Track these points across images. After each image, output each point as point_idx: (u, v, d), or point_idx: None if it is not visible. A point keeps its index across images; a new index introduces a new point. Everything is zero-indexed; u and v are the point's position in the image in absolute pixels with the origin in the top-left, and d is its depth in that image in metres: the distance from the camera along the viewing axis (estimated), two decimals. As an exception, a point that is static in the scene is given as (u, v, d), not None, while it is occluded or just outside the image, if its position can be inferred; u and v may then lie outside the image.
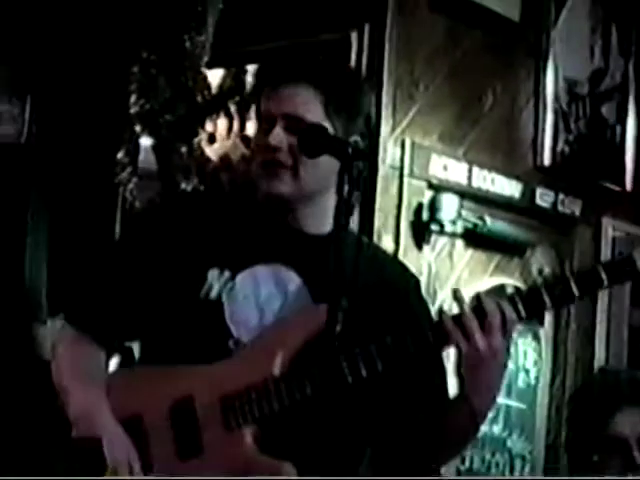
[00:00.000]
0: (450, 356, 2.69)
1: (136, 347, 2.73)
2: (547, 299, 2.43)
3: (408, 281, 2.73)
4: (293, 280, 2.55)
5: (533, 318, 2.56)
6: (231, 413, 2.46)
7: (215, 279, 2.52)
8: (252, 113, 4.37)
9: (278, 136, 2.51)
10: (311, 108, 2.53)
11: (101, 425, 2.46)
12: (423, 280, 3.18)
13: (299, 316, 2.50)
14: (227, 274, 2.53)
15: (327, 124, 2.51)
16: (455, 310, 2.44)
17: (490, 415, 4.53)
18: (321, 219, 2.55)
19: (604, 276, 2.42)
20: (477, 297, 2.44)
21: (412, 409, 2.57)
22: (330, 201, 2.50)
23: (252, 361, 2.48)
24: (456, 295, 2.50)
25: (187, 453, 2.47)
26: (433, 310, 2.82)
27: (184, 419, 2.48)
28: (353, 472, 2.63)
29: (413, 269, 2.86)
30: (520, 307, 2.43)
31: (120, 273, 2.60)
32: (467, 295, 3.26)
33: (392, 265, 2.83)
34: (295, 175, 2.50)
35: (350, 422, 2.54)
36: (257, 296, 2.53)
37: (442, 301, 4.36)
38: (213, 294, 2.52)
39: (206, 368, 2.49)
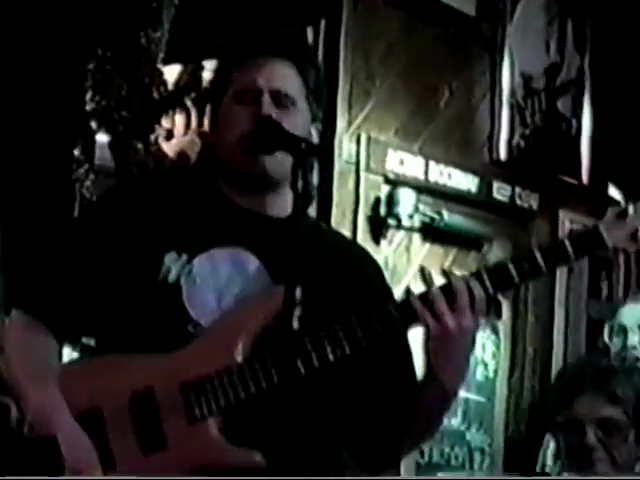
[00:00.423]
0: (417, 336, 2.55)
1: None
2: (514, 273, 2.36)
3: (371, 263, 2.67)
4: (252, 262, 2.48)
5: (502, 293, 2.48)
6: (194, 403, 2.37)
7: (173, 262, 2.45)
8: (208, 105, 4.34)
9: (270, 106, 2.45)
10: (293, 85, 2.49)
11: (58, 424, 2.38)
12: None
13: (258, 298, 2.43)
14: (185, 257, 2.46)
15: (304, 103, 2.49)
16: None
17: (448, 409, 4.57)
18: (281, 203, 2.50)
19: (570, 249, 2.36)
20: (445, 275, 2.40)
21: (381, 391, 2.49)
22: (287, 192, 2.45)
23: (213, 347, 2.40)
24: (423, 274, 2.45)
25: (150, 447, 2.38)
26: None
27: (145, 411, 2.39)
28: (328, 460, 2.55)
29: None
30: (488, 283, 2.36)
31: (75, 259, 2.51)
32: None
33: (353, 248, 2.81)
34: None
35: (319, 407, 2.48)
36: (215, 279, 2.46)
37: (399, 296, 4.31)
38: (171, 277, 2.44)
39: (166, 356, 2.40)
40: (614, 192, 4.96)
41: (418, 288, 4.45)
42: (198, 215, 2.53)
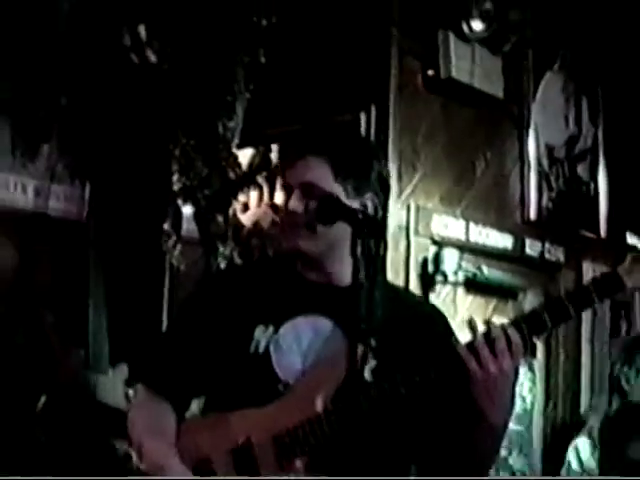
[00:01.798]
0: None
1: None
2: (547, 319, 2.27)
3: (440, 316, 2.61)
4: (328, 327, 2.44)
5: (537, 337, 2.40)
6: (284, 449, 2.37)
7: (261, 335, 2.44)
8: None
9: (294, 202, 2.44)
10: (322, 176, 2.44)
11: (169, 468, 2.41)
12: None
13: (334, 359, 2.38)
14: (271, 329, 2.44)
15: (338, 188, 2.43)
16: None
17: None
18: (345, 272, 2.44)
19: (594, 293, 2.26)
20: (487, 324, 2.33)
21: (443, 429, 2.43)
22: (348, 257, 2.39)
23: (297, 402, 2.38)
24: (470, 324, 2.38)
25: None
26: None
27: (244, 458, 2.40)
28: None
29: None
30: (525, 330, 2.27)
31: (183, 341, 2.55)
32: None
33: (423, 304, 2.78)
34: (312, 233, 2.41)
35: (390, 443, 2.43)
36: (299, 344, 2.44)
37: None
38: (261, 348, 2.43)
39: (259, 411, 2.41)
40: (632, 239, 4.88)
41: (464, 336, 4.34)
42: (278, 292, 2.51)
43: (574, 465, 4.11)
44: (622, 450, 3.91)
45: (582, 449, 4.13)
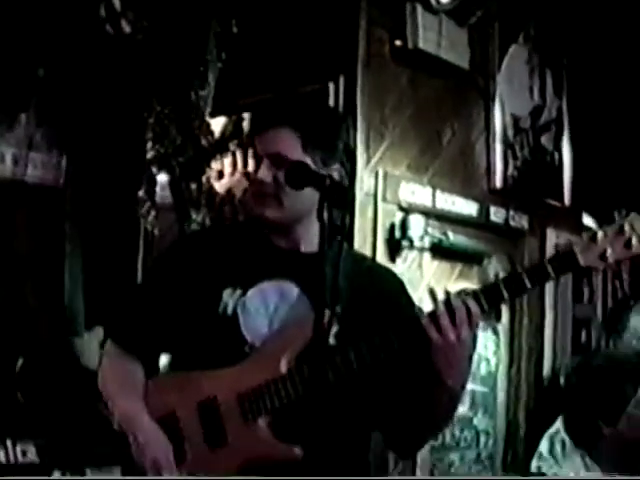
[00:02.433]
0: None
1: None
2: (505, 292, 2.38)
3: (396, 282, 2.70)
4: (294, 292, 2.52)
5: (494, 309, 2.48)
6: (248, 407, 2.44)
7: (229, 297, 2.50)
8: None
9: (263, 172, 2.51)
10: (290, 146, 2.51)
11: (140, 425, 2.48)
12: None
13: (299, 323, 2.46)
14: (239, 291, 2.51)
15: (307, 159, 2.50)
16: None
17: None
18: (312, 239, 2.51)
19: (550, 269, 2.37)
20: (446, 295, 2.39)
21: (404, 393, 2.53)
22: (315, 225, 2.47)
23: (262, 363, 2.46)
24: (432, 293, 2.44)
25: (215, 443, 2.46)
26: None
27: (210, 415, 2.47)
28: (360, 453, 2.61)
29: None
30: (483, 301, 2.38)
31: (153, 300, 2.61)
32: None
33: (380, 270, 2.81)
34: (279, 202, 2.50)
35: (350, 408, 2.51)
36: (266, 307, 2.51)
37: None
38: (229, 310, 2.50)
39: (225, 371, 2.47)
40: (588, 220, 4.93)
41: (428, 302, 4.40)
42: (246, 256, 2.58)
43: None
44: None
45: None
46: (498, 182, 4.90)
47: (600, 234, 2.36)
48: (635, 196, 4.42)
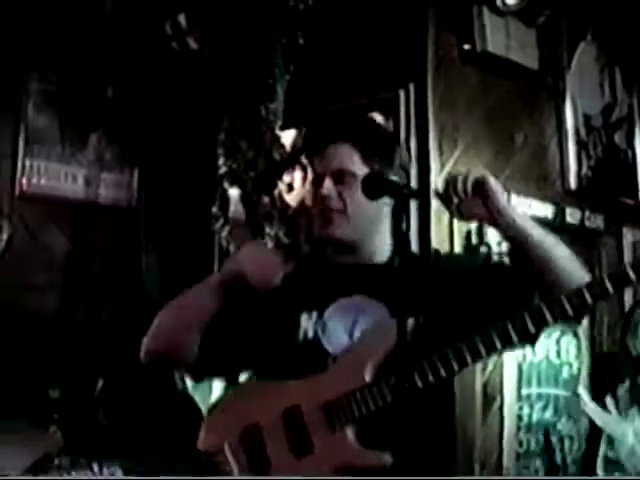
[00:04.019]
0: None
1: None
2: (588, 297, 2.36)
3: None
4: (370, 304, 2.48)
5: (580, 314, 2.44)
6: (334, 416, 2.40)
7: (307, 322, 2.49)
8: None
9: (327, 188, 2.49)
10: (351, 161, 2.50)
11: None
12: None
13: (380, 331, 2.42)
14: (315, 315, 2.49)
15: (366, 169, 2.48)
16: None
17: (542, 404, 4.40)
18: (378, 250, 2.52)
19: (632, 274, 2.33)
20: None
21: None
22: (383, 236, 2.51)
23: (346, 372, 2.41)
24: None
25: (300, 452, 2.41)
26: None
27: (294, 423, 2.42)
28: (447, 456, 2.59)
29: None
30: (567, 307, 2.35)
31: (233, 334, 2.56)
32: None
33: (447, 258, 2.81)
34: (347, 219, 2.48)
35: (435, 411, 2.48)
36: (345, 323, 2.48)
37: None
38: (310, 334, 2.48)
39: (308, 380, 2.44)
40: None
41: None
42: (317, 280, 2.55)
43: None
44: None
45: None
46: (572, 183, 4.77)
47: None
48: None
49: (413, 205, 3.99)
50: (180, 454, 3.73)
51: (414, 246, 3.90)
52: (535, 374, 4.44)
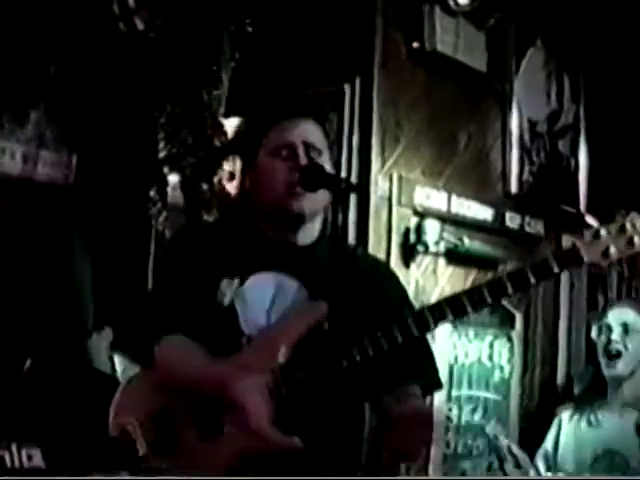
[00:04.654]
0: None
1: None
2: (509, 287, 2.33)
3: (387, 271, 2.70)
4: (291, 284, 2.45)
5: (498, 302, 2.43)
6: None
7: (227, 287, 2.45)
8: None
9: (304, 158, 2.45)
10: (319, 138, 2.51)
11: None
12: (411, 294, 3.03)
13: (299, 312, 2.40)
14: (236, 282, 2.45)
15: (327, 152, 2.50)
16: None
17: (471, 406, 4.39)
18: (309, 233, 2.51)
19: (554, 264, 2.35)
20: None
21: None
22: (318, 221, 2.51)
23: (259, 354, 2.37)
24: None
25: (210, 433, 2.37)
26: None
27: (204, 405, 2.38)
28: (357, 436, 2.53)
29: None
30: (486, 295, 2.33)
31: (158, 292, 2.57)
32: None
33: (372, 261, 2.74)
34: (314, 193, 2.44)
35: (347, 396, 2.46)
36: (263, 299, 2.44)
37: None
38: (227, 300, 2.44)
39: (221, 360, 2.38)
40: (590, 220, 4.84)
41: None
42: (243, 248, 2.50)
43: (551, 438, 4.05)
44: None
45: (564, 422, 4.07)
46: (514, 187, 4.77)
47: (603, 232, 2.37)
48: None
49: (352, 200, 3.98)
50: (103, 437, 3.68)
51: (351, 240, 3.89)
52: (466, 376, 4.42)
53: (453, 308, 2.32)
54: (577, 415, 3.94)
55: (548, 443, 4.00)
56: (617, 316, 3.99)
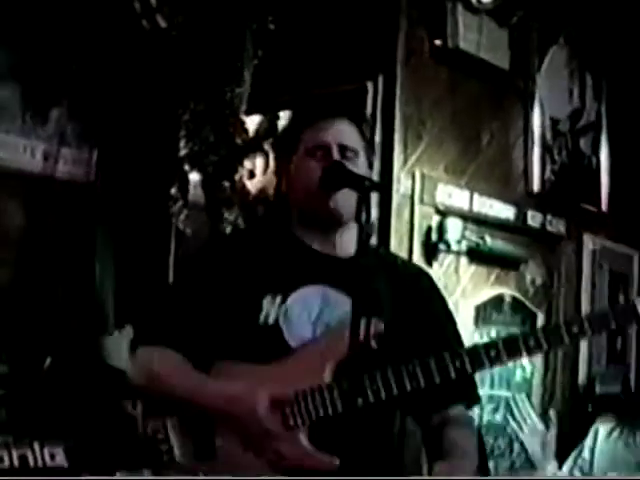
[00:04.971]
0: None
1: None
2: (566, 337, 2.27)
3: (434, 287, 2.61)
4: (337, 296, 2.37)
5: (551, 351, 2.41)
6: (289, 414, 2.28)
7: (270, 305, 2.35)
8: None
9: (338, 157, 2.39)
10: (352, 137, 2.43)
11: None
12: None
13: (344, 328, 2.24)
14: (279, 299, 2.35)
15: (363, 153, 2.43)
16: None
17: (492, 406, 4.34)
18: (347, 243, 2.40)
19: (613, 321, 2.26)
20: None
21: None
22: (352, 229, 2.37)
23: (306, 368, 2.30)
24: None
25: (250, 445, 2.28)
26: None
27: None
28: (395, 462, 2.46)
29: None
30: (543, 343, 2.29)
31: (187, 305, 2.41)
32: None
33: (418, 273, 2.65)
34: (350, 194, 2.33)
35: (387, 421, 2.41)
36: (309, 313, 2.35)
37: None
38: (271, 319, 2.34)
39: (263, 370, 2.31)
40: None
41: (465, 304, 4.24)
42: (285, 261, 2.41)
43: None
44: None
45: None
46: (536, 186, 4.72)
47: None
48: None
49: (374, 198, 3.95)
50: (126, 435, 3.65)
51: (373, 241, 3.84)
52: (487, 375, 4.38)
53: (508, 350, 2.28)
54: (616, 432, 3.86)
55: (585, 453, 3.92)
56: None
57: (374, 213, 3.96)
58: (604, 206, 5.09)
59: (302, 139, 2.45)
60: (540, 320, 4.65)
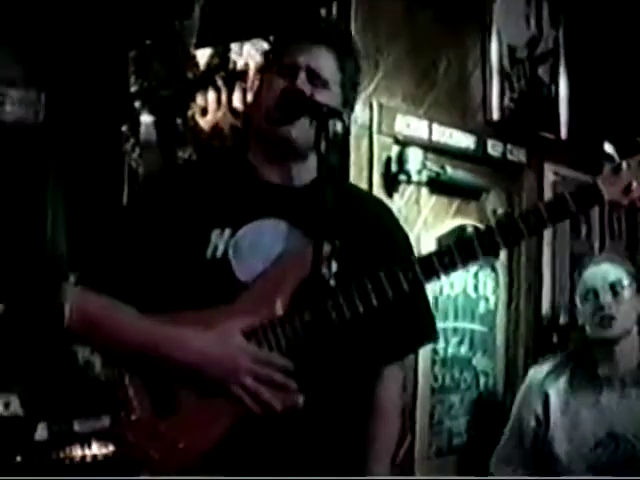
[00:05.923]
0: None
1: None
2: (523, 227, 2.18)
3: (392, 218, 2.55)
4: (289, 229, 2.27)
5: (489, 256, 2.30)
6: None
7: (218, 238, 2.24)
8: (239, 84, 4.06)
9: (304, 83, 2.27)
10: (328, 66, 2.32)
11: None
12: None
13: (295, 259, 2.20)
14: (228, 232, 2.24)
15: (337, 87, 2.32)
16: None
17: (457, 338, 4.25)
18: (305, 172, 2.31)
19: (572, 203, 2.17)
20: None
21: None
22: (312, 160, 2.27)
23: (256, 303, 2.19)
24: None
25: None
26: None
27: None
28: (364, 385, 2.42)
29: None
30: (499, 238, 2.18)
31: (132, 240, 2.29)
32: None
33: (375, 204, 2.60)
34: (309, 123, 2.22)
35: (349, 348, 2.29)
36: (259, 247, 2.24)
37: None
38: (219, 252, 2.23)
39: (216, 310, 2.19)
40: (608, 148, 4.66)
41: (427, 236, 4.11)
42: (235, 193, 2.30)
43: None
44: None
45: None
46: (495, 114, 4.58)
47: (624, 166, 2.19)
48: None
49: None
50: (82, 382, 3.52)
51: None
52: (452, 308, 4.27)
53: (462, 252, 2.19)
54: (568, 388, 3.69)
55: (537, 410, 3.75)
56: (600, 277, 3.70)
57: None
58: (563, 134, 4.96)
59: (277, 57, 2.35)
60: (503, 251, 4.52)
